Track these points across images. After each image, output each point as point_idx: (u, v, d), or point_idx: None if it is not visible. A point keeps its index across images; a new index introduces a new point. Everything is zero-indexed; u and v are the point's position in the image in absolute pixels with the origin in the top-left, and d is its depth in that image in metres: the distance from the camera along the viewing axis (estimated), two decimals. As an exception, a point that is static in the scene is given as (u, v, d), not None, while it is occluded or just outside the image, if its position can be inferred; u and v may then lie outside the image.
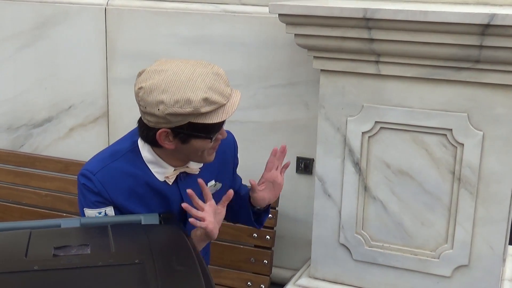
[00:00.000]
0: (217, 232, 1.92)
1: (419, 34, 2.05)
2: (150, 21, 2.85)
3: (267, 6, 2.23)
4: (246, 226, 2.68)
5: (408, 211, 2.28)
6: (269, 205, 2.12)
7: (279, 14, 2.21)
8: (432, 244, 2.28)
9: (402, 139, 2.23)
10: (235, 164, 2.12)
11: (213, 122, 1.76)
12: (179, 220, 1.97)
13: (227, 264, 2.75)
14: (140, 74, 1.80)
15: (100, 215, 1.88)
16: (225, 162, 2.05)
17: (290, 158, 2.73)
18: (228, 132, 2.04)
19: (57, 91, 3.12)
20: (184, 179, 1.95)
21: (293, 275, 2.59)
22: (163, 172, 1.91)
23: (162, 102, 1.71)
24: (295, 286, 2.48)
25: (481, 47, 2.01)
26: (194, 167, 1.95)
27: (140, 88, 1.76)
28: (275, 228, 2.71)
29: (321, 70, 2.28)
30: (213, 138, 1.83)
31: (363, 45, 2.14)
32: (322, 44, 2.20)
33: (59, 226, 1.78)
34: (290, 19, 2.20)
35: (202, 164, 1.94)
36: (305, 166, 2.73)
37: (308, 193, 2.68)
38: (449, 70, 2.11)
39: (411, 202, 2.27)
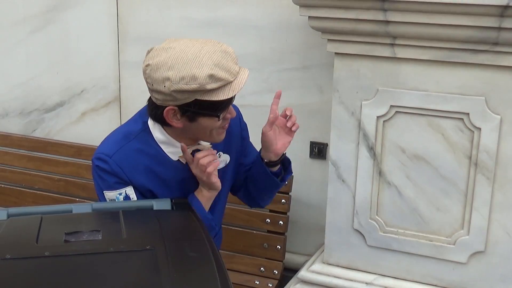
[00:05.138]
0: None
1: (436, 16, 2.01)
2: (162, 4, 2.82)
3: (280, -12, 2.20)
4: (259, 211, 2.68)
5: (423, 196, 2.25)
6: (288, 163, 2.09)
7: (292, -4, 2.17)
8: (447, 230, 2.25)
9: (417, 124, 2.19)
10: (243, 136, 2.10)
11: (220, 99, 1.74)
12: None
13: (239, 250, 2.74)
14: (148, 52, 1.80)
15: (120, 196, 1.88)
16: (231, 135, 2.03)
17: (304, 143, 2.73)
18: (234, 106, 2.01)
19: (69, 75, 3.11)
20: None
21: (307, 261, 2.57)
22: (175, 151, 1.92)
23: (168, 78, 1.71)
24: (309, 271, 2.46)
25: (499, 29, 1.96)
26: (206, 143, 1.95)
27: (148, 65, 1.76)
28: (288, 213, 2.70)
29: (335, 53, 2.25)
30: (221, 116, 1.81)
31: (378, 27, 2.10)
32: (336, 27, 2.17)
33: (71, 211, 1.77)
34: (304, 1, 2.16)
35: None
36: (319, 150, 2.70)
37: (322, 178, 2.66)
38: (466, 53, 2.07)
39: (426, 187, 2.24)
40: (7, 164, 3.19)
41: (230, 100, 1.80)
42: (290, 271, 2.69)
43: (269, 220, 2.69)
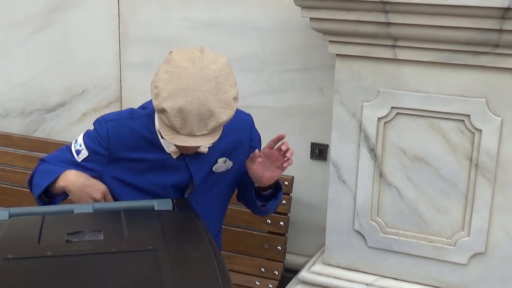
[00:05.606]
0: None
1: (437, 18, 2.02)
2: (163, 5, 2.82)
3: (282, -11, 2.20)
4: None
5: (424, 197, 2.25)
6: (277, 191, 2.09)
7: (294, -2, 2.18)
8: (448, 232, 2.25)
9: (418, 125, 2.20)
10: (253, 145, 2.09)
11: (163, 133, 1.76)
12: (175, 191, 1.99)
13: (240, 250, 2.74)
14: (171, 52, 1.81)
15: (79, 147, 1.96)
16: (239, 143, 2.05)
17: (305, 144, 2.73)
18: (246, 114, 2.07)
19: (70, 76, 3.11)
20: (191, 155, 1.96)
21: (307, 262, 2.57)
22: (169, 144, 1.91)
23: (156, 74, 1.77)
24: (309, 272, 2.46)
25: (500, 31, 1.97)
26: (203, 146, 1.92)
27: (161, 67, 1.79)
28: (289, 214, 2.70)
29: (337, 54, 2.25)
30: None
31: (379, 29, 2.11)
32: (337, 28, 2.17)
33: (72, 211, 1.78)
34: (305, 2, 2.16)
35: (211, 144, 1.90)
36: (320, 151, 2.70)
37: (323, 179, 2.66)
38: (467, 55, 2.07)
39: (427, 188, 2.24)
40: (7, 164, 3.19)
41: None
42: (291, 272, 2.70)
43: (269, 221, 2.69)
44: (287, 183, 2.66)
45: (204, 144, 1.76)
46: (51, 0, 3.04)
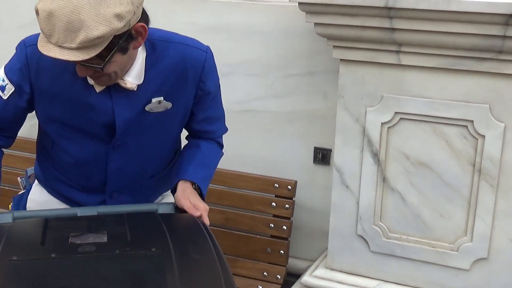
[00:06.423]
0: None
1: (441, 24, 2.02)
2: (168, 9, 2.83)
3: (287, -6, 2.21)
4: (263, 217, 2.69)
5: (427, 203, 2.26)
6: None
7: (298, 3, 2.18)
8: (451, 237, 2.26)
9: (422, 130, 2.20)
10: (202, 87, 1.85)
11: (38, 39, 1.57)
12: (107, 131, 1.81)
13: (243, 254, 2.74)
14: None
15: (2, 82, 1.79)
16: (182, 81, 1.81)
17: (308, 148, 2.74)
18: (201, 50, 1.85)
19: (74, 79, 3.11)
20: (119, 91, 1.74)
21: (310, 266, 2.57)
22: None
23: None
24: (312, 277, 2.46)
25: (504, 37, 1.97)
26: (129, 82, 1.73)
27: None
28: (291, 219, 2.70)
29: (341, 59, 2.26)
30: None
31: (384, 34, 2.12)
32: (342, 33, 2.18)
33: (76, 214, 1.78)
34: (310, 7, 2.17)
35: (141, 81, 1.73)
36: (323, 156, 2.71)
37: (326, 183, 2.66)
38: (471, 61, 2.08)
39: (430, 194, 2.24)
40: (10, 167, 3.19)
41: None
42: (293, 276, 2.70)
43: (272, 225, 2.69)
44: (290, 187, 2.67)
45: (70, 59, 1.52)
46: (56, 4, 3.05)
